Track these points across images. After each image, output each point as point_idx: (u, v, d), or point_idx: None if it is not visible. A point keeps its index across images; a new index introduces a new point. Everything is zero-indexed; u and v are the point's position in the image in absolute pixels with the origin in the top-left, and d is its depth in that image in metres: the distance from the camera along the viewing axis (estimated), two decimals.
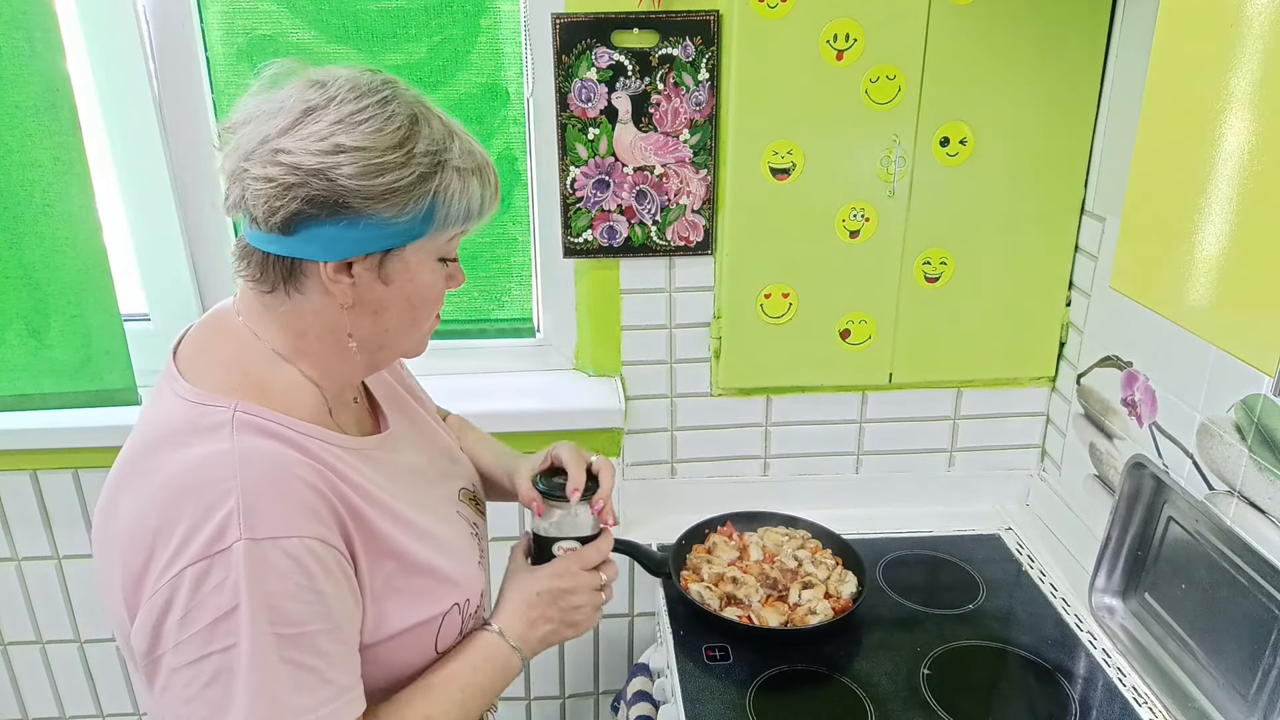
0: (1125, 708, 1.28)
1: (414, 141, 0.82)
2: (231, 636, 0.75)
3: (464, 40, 1.51)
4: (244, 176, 0.82)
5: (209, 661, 0.75)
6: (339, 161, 0.79)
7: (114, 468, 0.85)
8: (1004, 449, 1.77)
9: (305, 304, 0.86)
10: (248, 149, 0.82)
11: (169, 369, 0.88)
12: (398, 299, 0.88)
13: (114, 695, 1.78)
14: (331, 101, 0.81)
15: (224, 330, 0.90)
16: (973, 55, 1.47)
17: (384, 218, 0.82)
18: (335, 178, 0.79)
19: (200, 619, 0.75)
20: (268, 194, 0.80)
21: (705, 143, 1.52)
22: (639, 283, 1.61)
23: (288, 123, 0.81)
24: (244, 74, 1.50)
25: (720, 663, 1.35)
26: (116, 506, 0.82)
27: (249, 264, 0.86)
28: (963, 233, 1.58)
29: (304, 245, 0.82)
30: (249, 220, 0.84)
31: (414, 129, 0.83)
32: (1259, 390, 1.16)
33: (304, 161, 0.79)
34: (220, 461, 0.78)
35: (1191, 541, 1.30)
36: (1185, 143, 0.86)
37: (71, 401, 1.58)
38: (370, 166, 0.80)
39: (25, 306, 1.52)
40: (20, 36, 1.38)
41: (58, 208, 1.47)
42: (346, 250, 0.83)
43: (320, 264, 0.83)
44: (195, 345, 0.91)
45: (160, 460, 0.80)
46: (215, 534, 0.75)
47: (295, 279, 0.85)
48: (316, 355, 0.89)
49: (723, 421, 1.70)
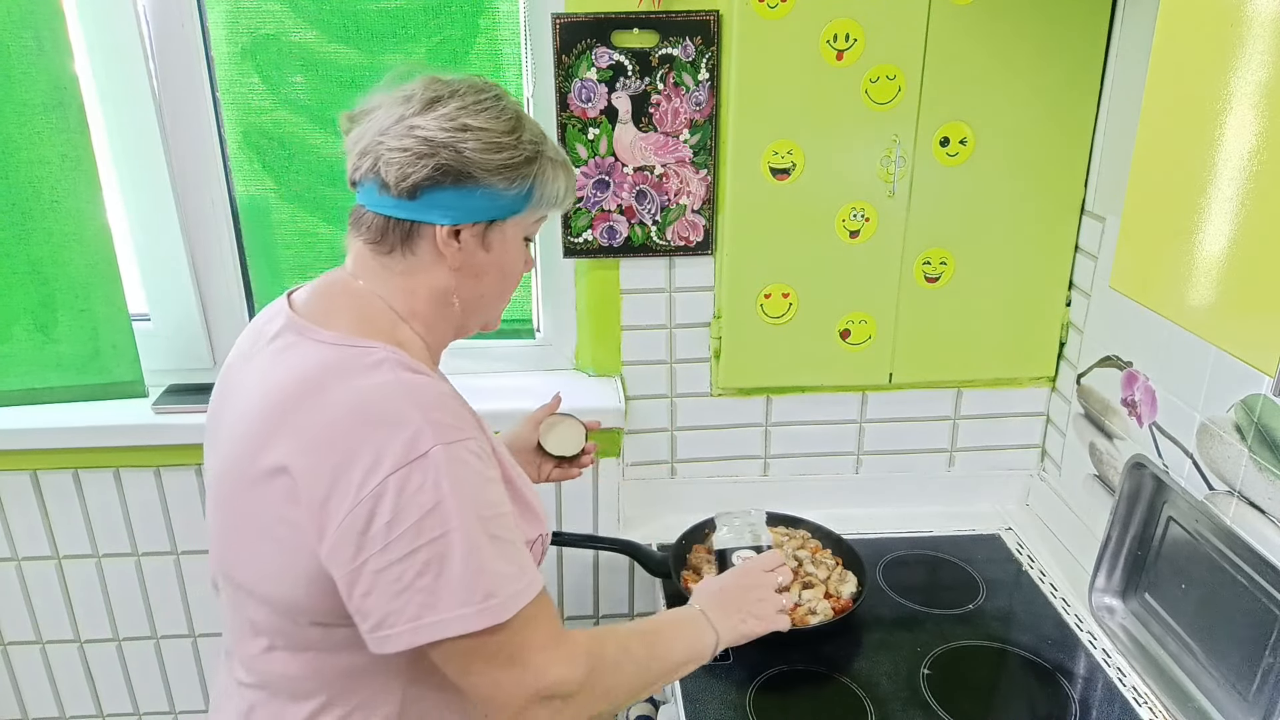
0: (1125, 708, 1.28)
1: (521, 130, 0.97)
2: (440, 527, 0.84)
3: (464, 40, 1.51)
4: (379, 148, 0.94)
5: (419, 554, 0.84)
6: (465, 138, 0.93)
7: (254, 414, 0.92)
8: (1004, 449, 1.77)
9: (418, 265, 0.98)
10: (383, 126, 0.94)
11: (294, 322, 0.97)
12: (494, 267, 1.01)
13: (114, 695, 1.78)
14: (455, 94, 0.95)
15: (347, 291, 0.99)
16: (973, 55, 1.47)
17: (496, 189, 0.95)
18: (462, 150, 0.93)
19: (407, 519, 0.84)
20: (402, 161, 0.93)
21: (705, 143, 1.52)
22: (639, 283, 1.61)
23: (420, 107, 0.94)
24: (248, 73, 1.50)
25: (720, 663, 1.35)
26: (271, 445, 0.89)
27: (369, 229, 0.97)
28: (963, 233, 1.58)
29: (425, 210, 0.95)
30: (379, 187, 0.95)
31: (520, 121, 0.98)
32: (1259, 390, 1.16)
33: (436, 135, 0.93)
34: (392, 389, 0.89)
35: (1191, 541, 1.30)
36: (1185, 143, 0.86)
37: (79, 395, 1.59)
38: (490, 144, 0.94)
39: (33, 301, 1.54)
40: (28, 35, 1.39)
41: (65, 204, 1.48)
42: (461, 216, 0.96)
43: (436, 227, 0.95)
44: (320, 304, 0.99)
45: (327, 396, 0.89)
46: (409, 445, 0.85)
47: (411, 241, 0.97)
48: (424, 314, 1.00)
49: (723, 421, 1.70)
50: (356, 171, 0.97)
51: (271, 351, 0.96)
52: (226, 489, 0.95)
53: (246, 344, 1.03)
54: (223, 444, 0.97)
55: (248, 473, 0.91)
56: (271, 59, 1.50)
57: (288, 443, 0.88)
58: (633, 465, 1.72)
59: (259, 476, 0.90)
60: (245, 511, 0.93)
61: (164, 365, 1.65)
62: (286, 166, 1.57)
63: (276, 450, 0.88)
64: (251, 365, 0.98)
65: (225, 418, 0.99)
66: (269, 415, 0.90)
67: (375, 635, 0.87)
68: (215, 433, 1.02)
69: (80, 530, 1.64)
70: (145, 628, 1.73)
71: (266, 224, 1.61)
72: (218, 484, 0.98)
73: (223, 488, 0.96)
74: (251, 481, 0.91)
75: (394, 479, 0.84)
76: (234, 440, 0.94)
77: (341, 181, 1.57)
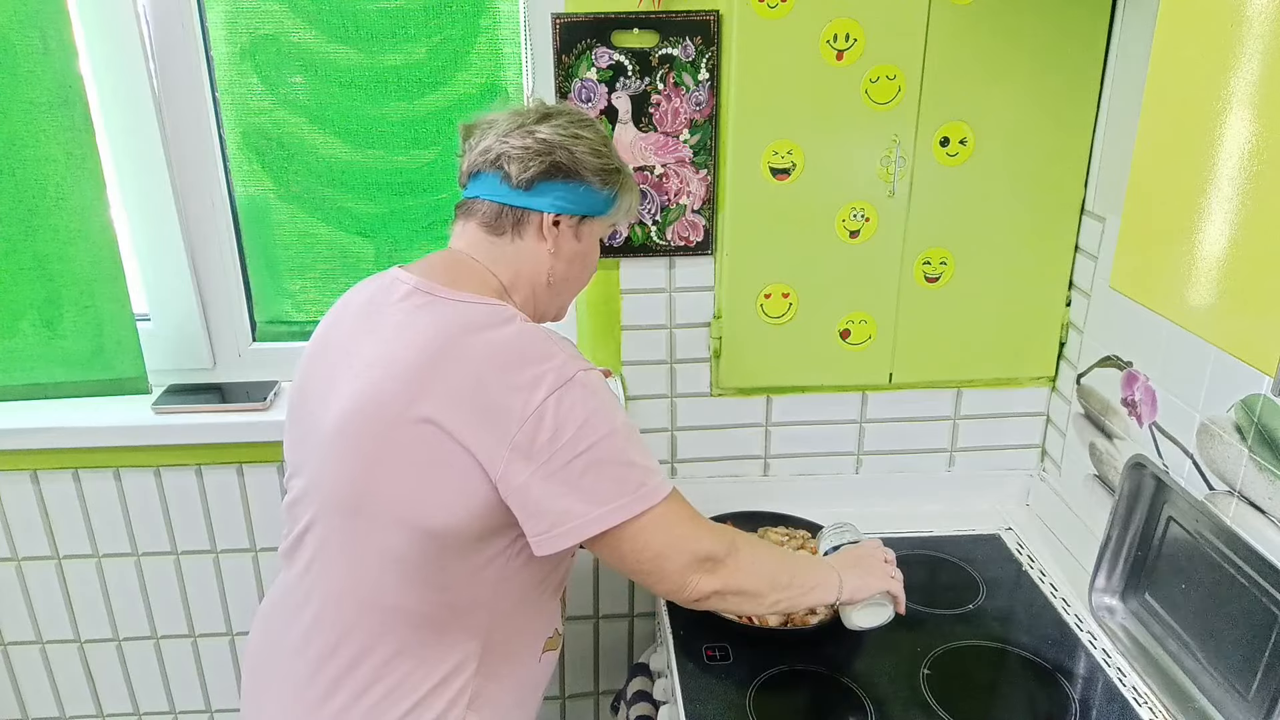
0: (1125, 708, 1.28)
1: (611, 146, 1.21)
2: (594, 435, 1.02)
3: (463, 40, 1.51)
4: (503, 146, 1.14)
5: (580, 460, 1.01)
6: (576, 142, 1.15)
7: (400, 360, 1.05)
8: (1004, 449, 1.77)
9: (524, 247, 1.16)
10: (505, 130, 1.15)
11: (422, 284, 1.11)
12: (580, 256, 1.21)
13: (114, 695, 1.79)
14: (562, 112, 1.18)
15: (465, 265, 1.16)
16: (973, 55, 1.47)
17: (594, 187, 1.17)
18: (574, 150, 1.14)
19: (567, 432, 1.01)
20: (524, 157, 1.13)
21: (705, 143, 1.52)
22: (639, 283, 1.61)
23: (537, 118, 1.16)
24: (246, 73, 1.50)
25: (720, 663, 1.35)
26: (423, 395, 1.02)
27: (484, 214, 1.16)
28: (963, 233, 1.58)
29: (536, 199, 1.14)
30: (500, 178, 1.14)
31: (610, 140, 1.22)
32: (1259, 390, 1.16)
33: (553, 139, 1.14)
34: (532, 333, 1.07)
35: (1191, 541, 1.30)
36: (1185, 143, 0.86)
37: (84, 390, 1.60)
38: (595, 150, 1.16)
39: (39, 298, 1.54)
40: (34, 34, 1.40)
41: (70, 201, 1.49)
42: (565, 207, 1.16)
43: (543, 215, 1.15)
44: (443, 273, 1.14)
45: (473, 343, 1.04)
46: (558, 373, 1.02)
47: (520, 226, 1.16)
48: (523, 290, 1.18)
49: (723, 421, 1.70)
50: (477, 165, 1.16)
51: (406, 309, 1.10)
52: (368, 427, 1.05)
53: (358, 308, 1.16)
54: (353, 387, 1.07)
55: (401, 415, 1.02)
56: (271, 59, 1.50)
57: (439, 394, 1.01)
58: None
59: (411, 422, 1.02)
60: (395, 448, 1.04)
61: (164, 365, 1.65)
62: (286, 167, 1.57)
63: (428, 401, 1.01)
64: (381, 318, 1.11)
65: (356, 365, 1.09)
66: (417, 364, 1.03)
67: (549, 535, 1.02)
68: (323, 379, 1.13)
69: (80, 530, 1.64)
70: (145, 628, 1.73)
71: (265, 224, 1.61)
72: (349, 421, 1.06)
73: (360, 424, 1.06)
74: (403, 424, 1.02)
75: (551, 400, 1.01)
76: (378, 382, 1.05)
77: (340, 182, 1.58)
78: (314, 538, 1.12)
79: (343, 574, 1.10)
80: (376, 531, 1.06)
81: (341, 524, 1.09)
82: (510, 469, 1.01)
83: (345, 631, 1.09)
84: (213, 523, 1.67)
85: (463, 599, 1.09)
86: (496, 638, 1.13)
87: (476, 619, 1.11)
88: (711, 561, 1.10)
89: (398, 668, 1.09)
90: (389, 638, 1.09)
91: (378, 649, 1.09)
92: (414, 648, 1.09)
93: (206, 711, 1.82)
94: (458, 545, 1.06)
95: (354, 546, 1.08)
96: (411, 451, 1.03)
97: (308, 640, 1.11)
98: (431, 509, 1.04)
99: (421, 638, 1.09)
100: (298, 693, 1.11)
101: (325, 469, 1.09)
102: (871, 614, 1.29)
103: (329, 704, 1.09)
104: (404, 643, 1.09)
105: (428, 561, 1.06)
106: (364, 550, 1.08)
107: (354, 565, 1.09)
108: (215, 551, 1.69)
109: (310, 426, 1.13)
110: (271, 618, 1.19)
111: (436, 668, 1.10)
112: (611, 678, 1.85)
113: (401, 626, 1.09)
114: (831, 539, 1.39)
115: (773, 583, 1.18)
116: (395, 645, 1.09)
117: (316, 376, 1.15)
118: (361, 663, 1.09)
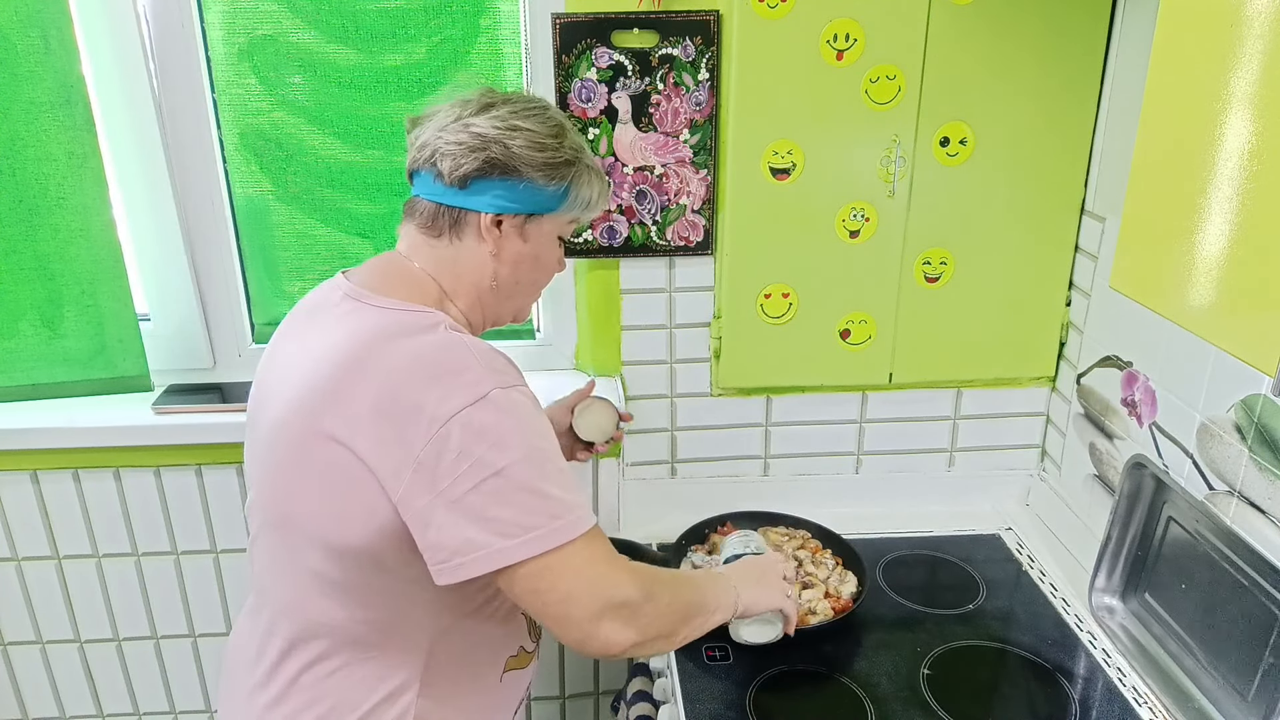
0: (1125, 708, 1.28)
1: (564, 137, 1.08)
2: (504, 459, 0.93)
3: (464, 40, 1.51)
4: (437, 142, 1.05)
5: (487, 485, 0.93)
6: (514, 136, 1.05)
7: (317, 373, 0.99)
8: (1004, 449, 1.77)
9: (463, 249, 1.08)
10: (443, 124, 1.06)
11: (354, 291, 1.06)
12: (529, 257, 1.11)
13: (114, 695, 1.78)
14: (506, 101, 1.08)
15: (401, 268, 1.09)
16: (973, 55, 1.47)
17: (537, 184, 1.06)
18: (510, 146, 1.04)
19: (473, 454, 0.92)
20: (456, 154, 1.04)
21: (705, 143, 1.52)
22: (639, 283, 1.61)
23: (476, 109, 1.07)
24: (244, 74, 1.50)
25: (720, 663, 1.35)
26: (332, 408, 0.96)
27: (423, 214, 1.09)
28: (963, 233, 1.58)
29: (473, 198, 1.06)
30: (434, 177, 1.06)
31: (563, 129, 1.10)
32: (1259, 390, 1.16)
33: (489, 132, 1.04)
34: (451, 343, 0.99)
35: (1191, 541, 1.30)
36: (1185, 143, 0.86)
37: (85, 390, 1.60)
38: (535, 143, 1.05)
39: (40, 297, 1.54)
40: (35, 34, 1.40)
41: (72, 201, 1.49)
42: (504, 206, 1.06)
43: (481, 215, 1.06)
44: (377, 278, 1.08)
45: (390, 351, 0.97)
46: (471, 388, 0.94)
47: (458, 228, 1.08)
48: (465, 295, 1.10)
49: (723, 421, 1.70)
50: (415, 163, 1.08)
51: (334, 316, 1.05)
52: (285, 441, 1.01)
53: (303, 314, 1.11)
54: (280, 396, 1.03)
55: (310, 430, 0.98)
56: (269, 60, 1.50)
57: (345, 410, 0.96)
58: (633, 465, 1.72)
59: (319, 438, 0.97)
60: (306, 465, 0.99)
61: (164, 365, 1.65)
62: (284, 168, 1.57)
63: (334, 417, 0.96)
64: (314, 325, 1.06)
65: (286, 373, 1.05)
66: (329, 376, 0.98)
67: (448, 565, 0.94)
68: (266, 385, 1.09)
69: (80, 530, 1.64)
70: (145, 628, 1.73)
71: (264, 225, 1.61)
72: (274, 432, 1.03)
73: (282, 436, 1.01)
74: (312, 439, 0.97)
75: (458, 419, 0.93)
76: (296, 394, 1.00)
77: (339, 183, 1.58)
78: (259, 549, 1.10)
79: (283, 587, 1.07)
80: (301, 548, 1.02)
81: (276, 538, 1.06)
82: (411, 490, 0.93)
83: (291, 644, 1.06)
84: (213, 523, 1.67)
85: (395, 618, 1.04)
86: (441, 658, 1.07)
87: (414, 639, 1.05)
88: (628, 609, 0.99)
89: (340, 683, 1.05)
90: (331, 653, 1.05)
91: (320, 664, 1.05)
92: (355, 665, 1.05)
93: (206, 711, 1.82)
94: (376, 565, 1.00)
95: (287, 561, 1.05)
96: (320, 468, 0.98)
97: (261, 650, 1.09)
98: (342, 528, 0.98)
99: (360, 655, 1.05)
100: (250, 698, 1.09)
101: (260, 481, 1.07)
102: (759, 631, 1.24)
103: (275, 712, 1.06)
104: (344, 659, 1.05)
105: (351, 579, 1.01)
106: (296, 566, 1.04)
107: (290, 580, 1.05)
108: (215, 551, 1.69)
109: (253, 436, 1.10)
110: (240, 621, 1.17)
111: (377, 688, 1.05)
112: (611, 677, 1.85)
113: (340, 642, 1.05)
114: (735, 547, 1.35)
115: (685, 617, 1.08)
116: (337, 661, 1.05)
117: (261, 384, 1.11)
118: (304, 674, 1.06)
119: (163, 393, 1.62)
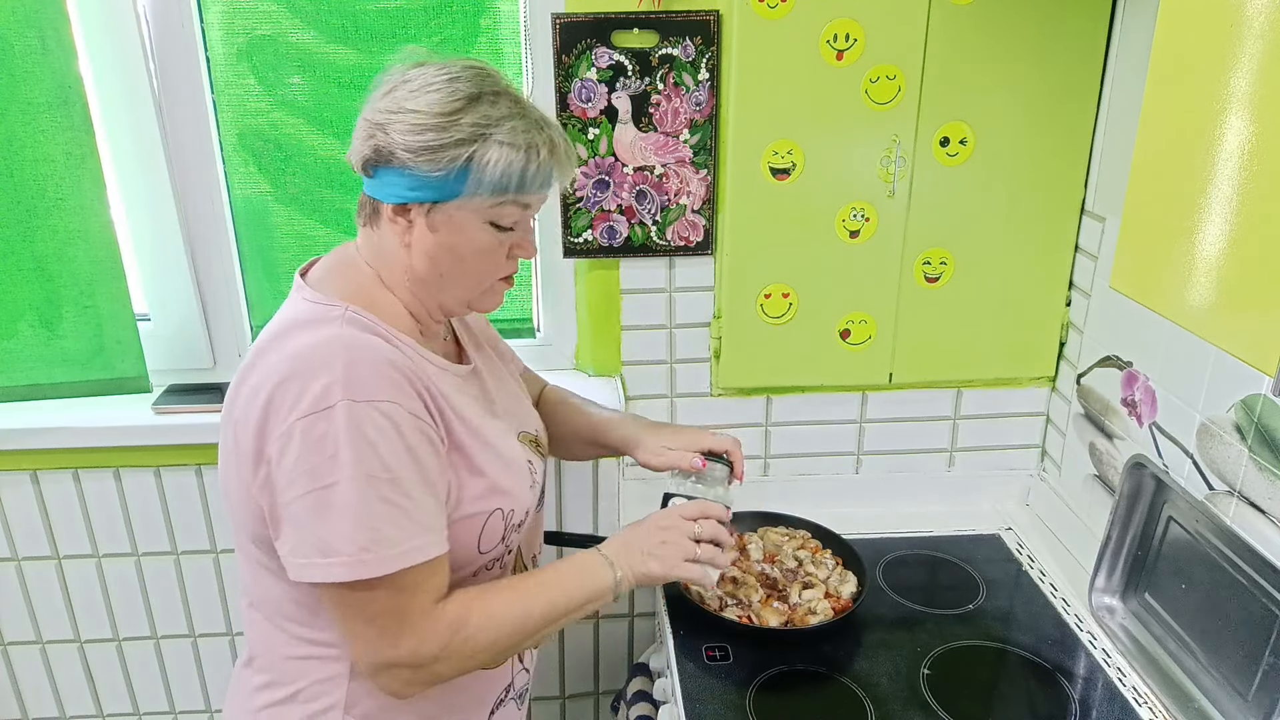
0: (1125, 708, 1.28)
1: (463, 114, 0.97)
2: (331, 476, 0.91)
3: (464, 40, 1.51)
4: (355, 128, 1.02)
5: (310, 497, 0.91)
6: (395, 119, 0.97)
7: (245, 359, 1.01)
8: (1004, 449, 1.77)
9: (385, 239, 1.04)
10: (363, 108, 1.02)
11: (298, 284, 1.06)
12: (445, 249, 1.02)
13: (114, 695, 1.78)
14: (419, 78, 0.99)
15: (346, 260, 1.08)
16: (973, 55, 1.47)
17: (420, 171, 0.97)
18: (390, 132, 0.97)
19: (306, 463, 0.91)
20: (356, 140, 1.02)
21: (705, 143, 1.52)
22: (639, 283, 1.61)
23: (385, 90, 1.01)
24: (244, 74, 1.50)
25: (720, 663, 1.35)
26: (244, 384, 0.98)
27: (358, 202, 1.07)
28: (963, 233, 1.58)
29: (377, 188, 1.02)
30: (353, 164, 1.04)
31: (470, 105, 0.97)
32: (1259, 390, 1.16)
33: (375, 117, 0.99)
34: (329, 342, 0.96)
35: (1191, 541, 1.30)
36: (1185, 143, 0.86)
37: (84, 391, 1.60)
38: (415, 126, 0.96)
39: (38, 298, 1.54)
40: (32, 35, 1.40)
41: (70, 201, 1.49)
42: (398, 196, 1.00)
43: (385, 205, 1.01)
44: (323, 269, 1.08)
45: (283, 343, 0.97)
46: (320, 395, 0.92)
47: (376, 216, 1.04)
48: (399, 285, 1.05)
49: (723, 421, 1.70)
50: None
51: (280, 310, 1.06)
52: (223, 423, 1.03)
53: None
54: None
55: (228, 414, 1.00)
56: (268, 60, 1.49)
57: (237, 402, 0.98)
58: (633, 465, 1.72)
59: (230, 421, 0.99)
60: (225, 446, 1.01)
61: (164, 365, 1.65)
62: (283, 168, 1.57)
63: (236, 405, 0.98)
64: None
65: None
66: (244, 365, 1.00)
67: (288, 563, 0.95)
68: None
69: (80, 530, 1.64)
70: (145, 628, 1.73)
71: (263, 226, 1.61)
72: None
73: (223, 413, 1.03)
74: (228, 422, 1.00)
75: (301, 423, 0.91)
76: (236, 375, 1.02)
77: (338, 183, 1.58)
78: None
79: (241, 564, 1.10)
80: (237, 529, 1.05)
81: None
82: (261, 484, 0.95)
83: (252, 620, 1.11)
84: (212, 522, 1.67)
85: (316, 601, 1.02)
86: None
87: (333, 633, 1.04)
88: (409, 670, 0.97)
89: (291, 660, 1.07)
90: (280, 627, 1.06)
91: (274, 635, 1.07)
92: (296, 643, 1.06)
93: (206, 711, 1.82)
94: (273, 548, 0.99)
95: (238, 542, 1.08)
96: (226, 453, 1.01)
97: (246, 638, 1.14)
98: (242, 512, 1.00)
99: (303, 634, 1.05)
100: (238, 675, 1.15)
101: None
102: None
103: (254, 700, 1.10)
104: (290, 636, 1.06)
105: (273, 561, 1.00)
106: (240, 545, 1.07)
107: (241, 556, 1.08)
108: (215, 551, 1.69)
109: None
110: None
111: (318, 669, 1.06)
112: (611, 677, 1.85)
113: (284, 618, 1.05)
114: (672, 486, 1.25)
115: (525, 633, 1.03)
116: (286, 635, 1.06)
117: None
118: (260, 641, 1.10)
119: (163, 393, 1.62)
